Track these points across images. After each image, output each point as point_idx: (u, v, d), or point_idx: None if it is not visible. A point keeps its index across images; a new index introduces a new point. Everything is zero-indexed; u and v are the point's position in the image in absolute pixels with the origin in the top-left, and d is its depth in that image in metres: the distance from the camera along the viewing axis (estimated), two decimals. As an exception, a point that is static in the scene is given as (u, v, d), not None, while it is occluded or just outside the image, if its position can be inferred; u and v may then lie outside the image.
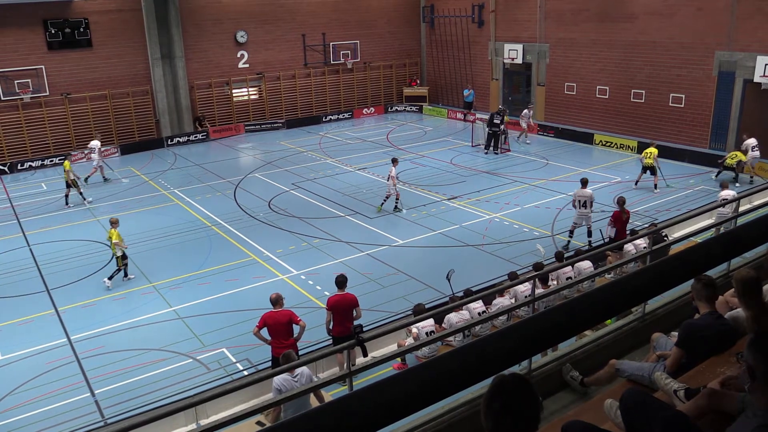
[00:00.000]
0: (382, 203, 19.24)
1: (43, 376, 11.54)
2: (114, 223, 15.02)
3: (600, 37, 27.39)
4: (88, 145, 24.75)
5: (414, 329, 10.44)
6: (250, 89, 32.82)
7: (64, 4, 27.25)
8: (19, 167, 26.73)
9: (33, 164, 26.99)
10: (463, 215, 18.76)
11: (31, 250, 17.65)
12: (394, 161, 19.32)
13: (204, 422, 9.47)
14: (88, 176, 23.89)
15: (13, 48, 26.41)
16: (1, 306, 14.41)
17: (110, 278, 14.93)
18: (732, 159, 20.72)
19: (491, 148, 25.75)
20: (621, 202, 14.87)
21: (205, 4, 30.60)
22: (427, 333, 10.41)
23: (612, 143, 26.56)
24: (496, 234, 17.15)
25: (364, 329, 10.98)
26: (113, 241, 14.69)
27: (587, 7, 27.74)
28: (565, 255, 13.19)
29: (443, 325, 10.81)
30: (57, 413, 10.47)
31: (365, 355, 9.01)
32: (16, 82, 26.41)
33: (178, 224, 18.98)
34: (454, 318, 10.60)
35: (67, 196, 21.43)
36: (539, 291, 10.04)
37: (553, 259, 12.63)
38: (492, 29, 32.51)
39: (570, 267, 12.04)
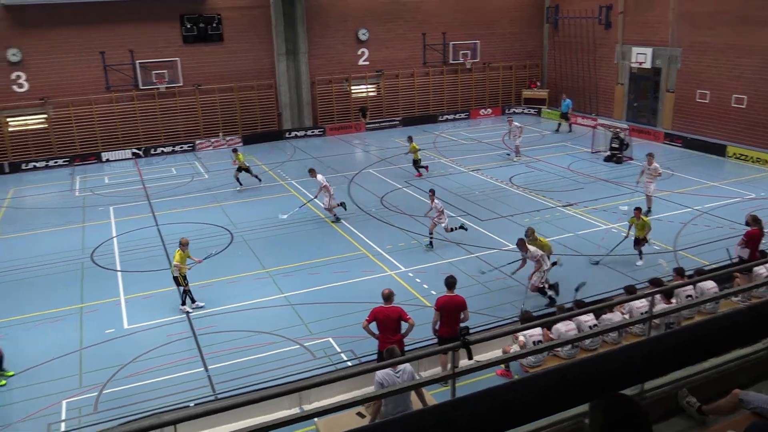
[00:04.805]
0: None
1: (163, 348, 12.34)
2: None
3: (739, 41, 25.53)
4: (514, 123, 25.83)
5: (521, 337, 10.23)
6: (368, 86, 33.42)
7: (200, 0, 28.97)
8: (152, 152, 28.79)
9: (165, 149, 28.98)
10: (578, 223, 18.15)
11: (158, 229, 18.95)
12: None
13: (307, 407, 9.73)
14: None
15: (153, 41, 28.45)
16: (130, 280, 15.59)
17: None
18: None
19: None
20: (757, 220, 13.69)
21: (330, 2, 31.47)
22: (534, 342, 10.16)
23: (747, 156, 24.70)
24: (612, 245, 16.43)
25: (471, 332, 10.91)
26: None
27: (725, 9, 25.93)
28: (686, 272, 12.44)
29: (551, 334, 10.52)
30: (173, 383, 11.14)
31: (470, 358, 8.84)
32: (153, 72, 28.45)
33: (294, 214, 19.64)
34: (562, 328, 10.29)
35: (425, 168, 23.72)
36: (659, 308, 9.54)
37: (674, 276, 11.94)
38: (620, 31, 31.17)
39: (692, 286, 11.35)
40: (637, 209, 15.57)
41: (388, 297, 10.34)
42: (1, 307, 14.30)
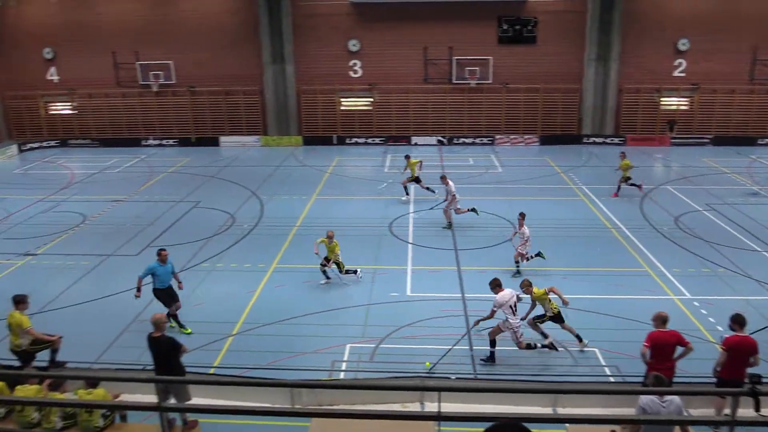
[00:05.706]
0: None
1: (436, 320, 13.35)
2: None
3: None
4: None
5: (827, 403, 8.87)
6: (680, 99, 31.22)
7: (519, 3, 29.95)
8: (454, 141, 30.91)
9: (466, 140, 30.92)
10: None
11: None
12: None
13: (560, 411, 9.69)
14: None
15: (471, 39, 30.33)
16: (419, 253, 17.09)
17: None
18: None
19: None
20: None
21: (650, 10, 30.07)
22: None
23: None
24: None
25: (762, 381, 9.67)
26: None
27: None
28: None
29: None
30: (439, 354, 11.91)
31: (757, 409, 8.02)
32: (466, 69, 30.40)
33: (578, 218, 19.51)
34: None
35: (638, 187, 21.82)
36: None
37: None
38: None
39: None
40: None
41: (665, 321, 9.87)
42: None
